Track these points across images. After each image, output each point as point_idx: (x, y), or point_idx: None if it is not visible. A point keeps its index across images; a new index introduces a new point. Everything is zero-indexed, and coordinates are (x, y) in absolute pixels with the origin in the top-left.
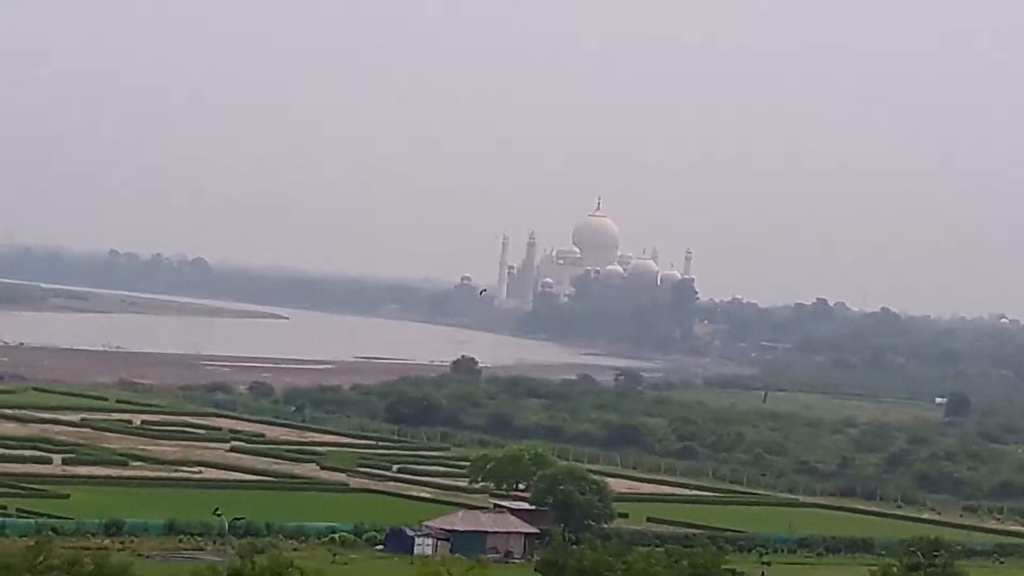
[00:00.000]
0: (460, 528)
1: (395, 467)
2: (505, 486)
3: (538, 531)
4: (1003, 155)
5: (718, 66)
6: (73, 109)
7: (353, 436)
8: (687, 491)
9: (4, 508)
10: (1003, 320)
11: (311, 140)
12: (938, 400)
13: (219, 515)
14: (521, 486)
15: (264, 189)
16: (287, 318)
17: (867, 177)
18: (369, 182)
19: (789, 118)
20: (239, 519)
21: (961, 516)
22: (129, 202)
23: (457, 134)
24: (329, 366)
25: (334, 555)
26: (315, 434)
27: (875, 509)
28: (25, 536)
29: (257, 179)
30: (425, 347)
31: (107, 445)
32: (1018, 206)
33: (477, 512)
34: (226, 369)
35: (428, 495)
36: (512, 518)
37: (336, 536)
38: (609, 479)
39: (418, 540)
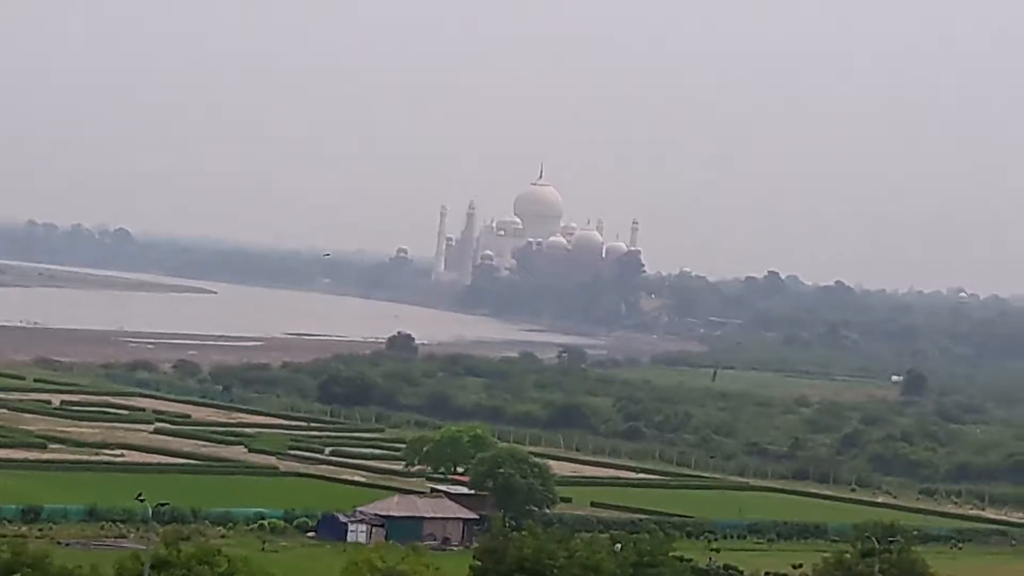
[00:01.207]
0: (395, 514)
1: (327, 450)
2: (443, 469)
3: (477, 517)
4: (964, 124)
5: (667, 31)
6: None
7: (283, 417)
8: (633, 474)
9: None
10: (962, 295)
11: (243, 108)
12: (894, 378)
13: (142, 500)
14: (459, 469)
15: (193, 157)
16: (215, 292)
17: (822, 145)
18: (302, 151)
19: (741, 84)
20: (163, 504)
21: (918, 500)
22: (48, 170)
23: (393, 100)
24: (258, 343)
25: (263, 542)
26: (243, 415)
27: (828, 493)
28: None
29: (186, 147)
30: (359, 323)
31: (24, 427)
32: (979, 177)
33: (413, 497)
34: (150, 346)
35: (362, 479)
36: (450, 503)
37: (266, 522)
38: (551, 462)
39: (351, 526)
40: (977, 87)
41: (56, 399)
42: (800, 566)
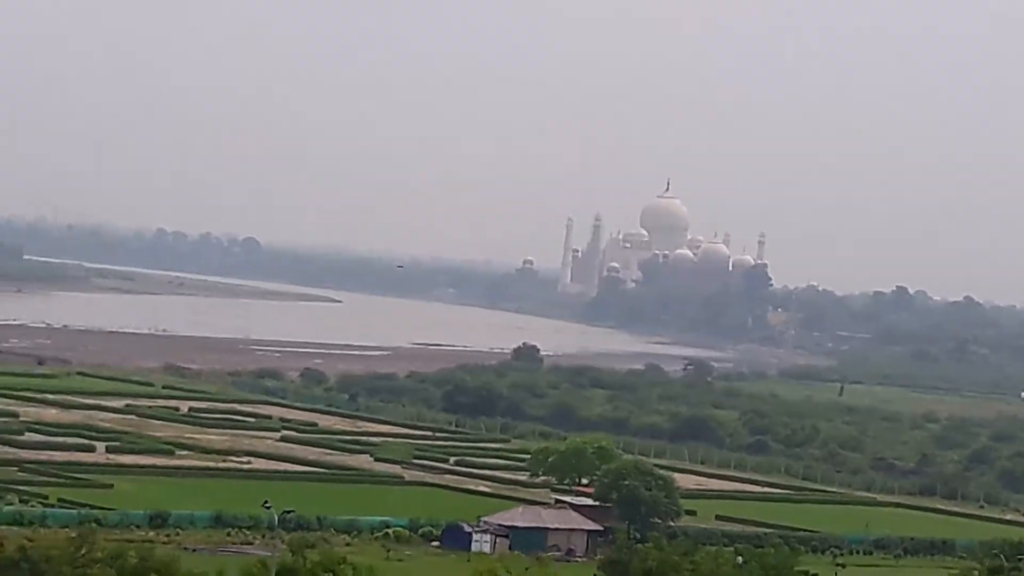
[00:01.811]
0: (520, 524)
1: (452, 459)
2: (567, 481)
3: (601, 528)
4: None
5: (792, 50)
6: (116, 85)
7: (409, 426)
8: (758, 488)
9: (46, 498)
10: None
11: (372, 118)
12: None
13: (269, 507)
14: (584, 481)
15: (319, 167)
16: (341, 301)
17: (948, 160)
18: (429, 163)
19: (863, 102)
20: (289, 512)
21: None
22: (177, 179)
23: (520, 114)
24: (384, 352)
25: (388, 551)
26: (369, 424)
27: (956, 509)
28: (67, 527)
29: (312, 157)
30: (484, 333)
31: (153, 433)
32: None
33: (538, 508)
34: (277, 355)
35: (487, 489)
36: (574, 514)
37: (390, 531)
38: (676, 474)
39: (476, 536)
40: None
41: (184, 406)
42: None
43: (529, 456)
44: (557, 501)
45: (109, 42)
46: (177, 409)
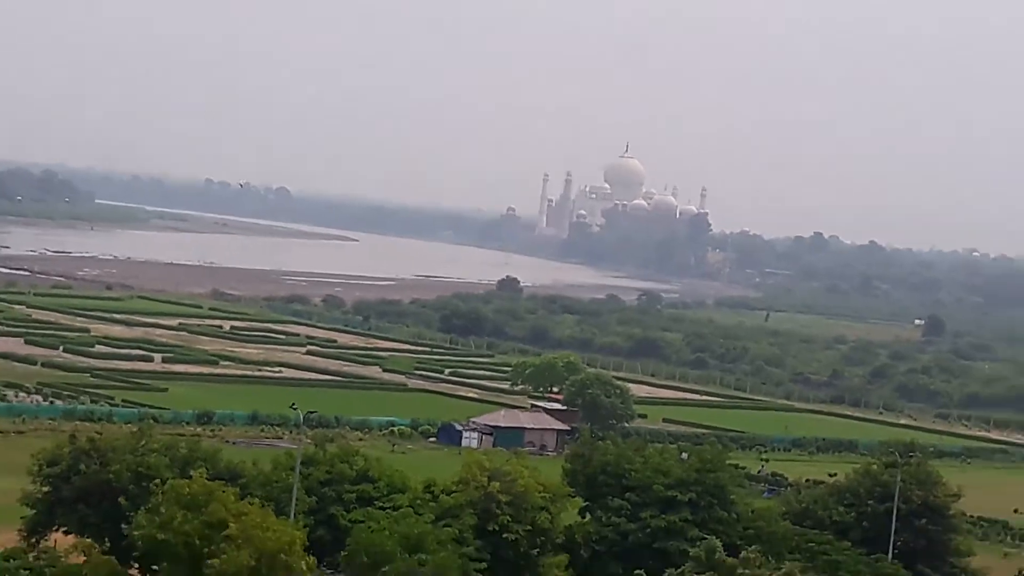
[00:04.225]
0: (502, 424)
1: (447, 371)
2: (541, 389)
3: (568, 428)
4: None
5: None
6: (177, 55)
7: (411, 343)
8: (698, 396)
9: (111, 399)
10: (975, 253)
11: (392, 85)
12: (917, 322)
13: (295, 409)
14: (555, 389)
15: (341, 126)
16: (357, 241)
17: (861, 118)
18: (433, 122)
19: (790, 67)
20: (312, 412)
21: (934, 422)
22: (224, 138)
23: (508, 83)
24: (392, 283)
25: (393, 445)
26: (379, 341)
27: (860, 415)
28: (129, 423)
29: (335, 117)
30: (475, 268)
31: (201, 347)
32: (993, 147)
33: (517, 411)
34: (304, 283)
35: (475, 395)
36: (547, 416)
37: (395, 429)
38: (631, 385)
39: (466, 434)
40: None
41: (227, 325)
42: (835, 475)
43: (510, 369)
44: (533, 406)
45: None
46: (221, 327)
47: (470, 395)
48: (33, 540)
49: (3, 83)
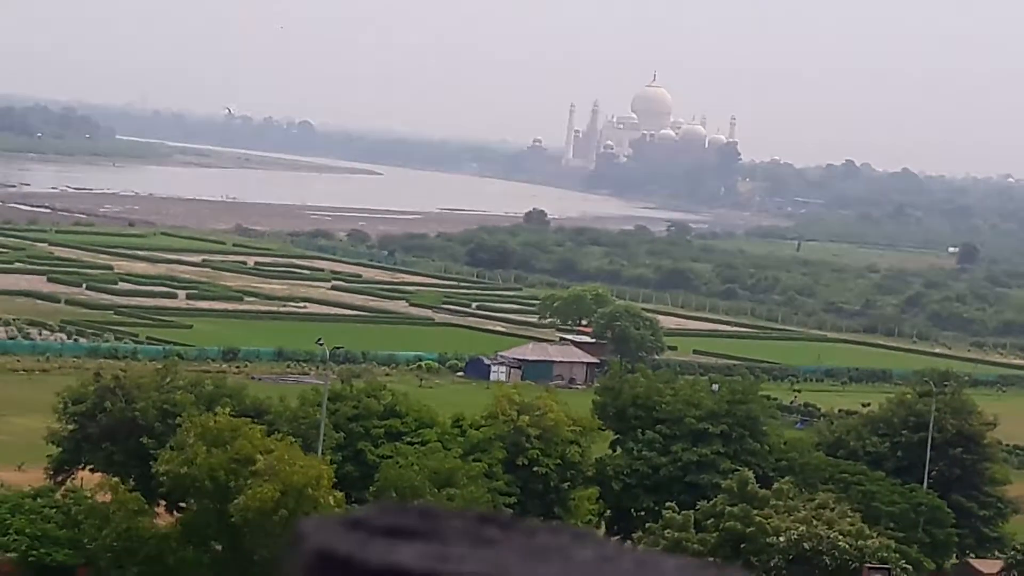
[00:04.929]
0: (530, 358)
1: (474, 304)
2: (570, 322)
3: (598, 361)
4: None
5: None
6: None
7: (438, 277)
8: (728, 327)
9: (136, 336)
10: (1009, 179)
11: (403, 20)
12: (951, 250)
13: (321, 344)
14: (584, 322)
15: (362, 59)
16: (381, 174)
17: (892, 42)
18: (453, 53)
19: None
20: (338, 348)
21: (969, 351)
22: (244, 71)
23: (534, 12)
24: (417, 216)
25: (420, 380)
26: (405, 275)
27: (893, 344)
28: (154, 360)
29: (356, 50)
30: (501, 201)
31: (225, 283)
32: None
33: (545, 344)
34: (328, 218)
35: (502, 329)
36: (575, 349)
37: (422, 364)
38: (660, 317)
39: (494, 368)
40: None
41: (251, 260)
42: (868, 405)
43: (538, 302)
44: (561, 339)
45: None
46: (245, 263)
47: (498, 329)
48: (60, 478)
49: (21, 19)
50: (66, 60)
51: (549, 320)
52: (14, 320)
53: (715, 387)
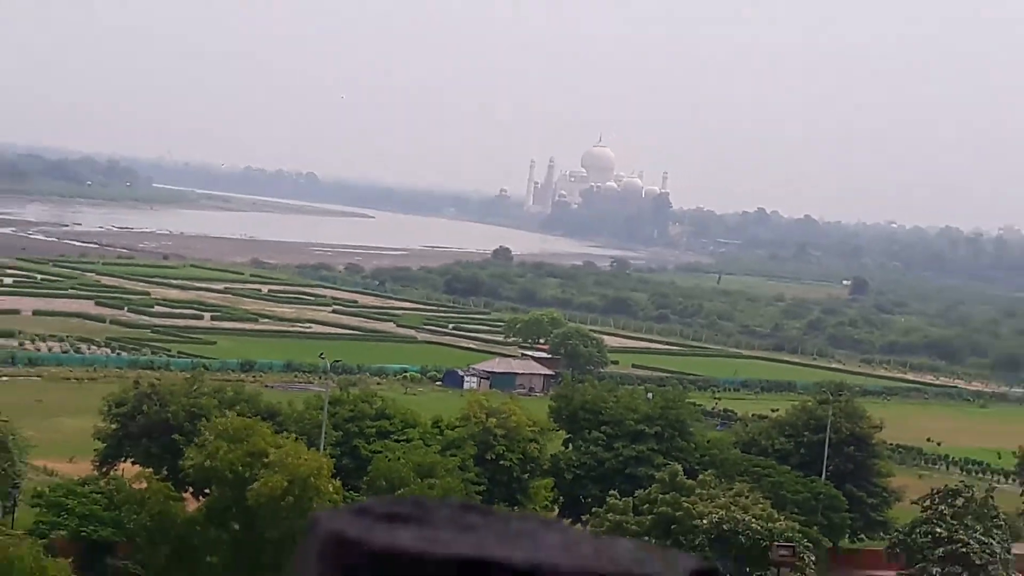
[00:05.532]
0: (497, 370)
1: (450, 326)
2: (530, 340)
3: (553, 373)
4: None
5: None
6: (218, 55)
7: (421, 303)
8: (661, 346)
9: (169, 351)
10: (893, 225)
11: (398, 86)
12: (844, 283)
13: (323, 358)
14: (541, 340)
15: (358, 119)
16: (374, 217)
17: (798, 109)
18: (437, 118)
19: (744, 55)
20: (337, 361)
21: (859, 366)
22: (260, 129)
23: (499, 89)
24: (404, 252)
25: (406, 388)
26: (393, 301)
27: (797, 360)
28: (184, 371)
29: (355, 111)
30: (473, 240)
31: (243, 307)
32: (910, 130)
33: (509, 359)
34: (329, 254)
35: (474, 346)
36: (535, 363)
37: (407, 374)
38: (605, 337)
39: (467, 378)
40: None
41: (265, 288)
42: (776, 411)
43: (503, 324)
44: (523, 354)
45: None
46: (260, 290)
47: (470, 346)
48: (104, 469)
49: (74, 83)
50: (110, 118)
51: (513, 339)
52: (67, 337)
53: (650, 395)
